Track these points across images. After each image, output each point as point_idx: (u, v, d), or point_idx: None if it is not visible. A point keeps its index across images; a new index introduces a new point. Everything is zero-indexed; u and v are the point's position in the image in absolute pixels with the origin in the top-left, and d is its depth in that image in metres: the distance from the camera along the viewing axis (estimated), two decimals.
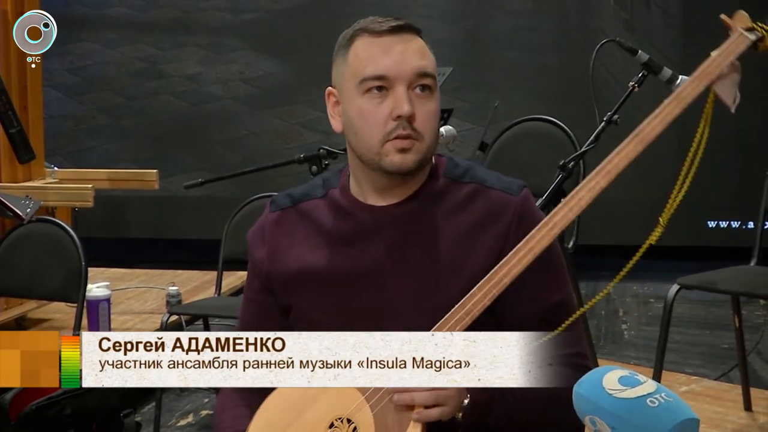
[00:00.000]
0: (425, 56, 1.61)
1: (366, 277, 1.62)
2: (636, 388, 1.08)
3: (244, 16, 7.08)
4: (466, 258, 1.60)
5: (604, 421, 1.08)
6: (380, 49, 1.59)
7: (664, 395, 1.07)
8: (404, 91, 1.57)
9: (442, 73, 3.97)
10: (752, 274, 3.41)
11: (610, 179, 1.51)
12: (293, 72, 6.90)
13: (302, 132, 6.90)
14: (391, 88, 1.58)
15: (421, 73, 1.58)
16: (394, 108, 1.57)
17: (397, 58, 1.58)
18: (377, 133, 1.58)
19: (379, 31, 1.59)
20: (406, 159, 1.58)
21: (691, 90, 1.51)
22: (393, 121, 1.57)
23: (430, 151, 1.62)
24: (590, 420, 1.11)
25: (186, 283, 5.23)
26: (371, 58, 1.58)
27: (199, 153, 7.05)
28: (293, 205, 1.73)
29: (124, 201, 6.85)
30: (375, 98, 1.58)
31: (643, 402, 1.06)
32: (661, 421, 1.04)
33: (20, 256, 3.62)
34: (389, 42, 1.59)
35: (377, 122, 1.58)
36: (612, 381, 1.09)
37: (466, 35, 6.87)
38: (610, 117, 2.96)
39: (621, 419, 1.06)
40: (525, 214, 1.63)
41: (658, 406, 1.05)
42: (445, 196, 1.65)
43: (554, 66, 6.70)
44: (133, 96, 7.16)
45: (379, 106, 1.58)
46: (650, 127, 1.52)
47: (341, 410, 1.47)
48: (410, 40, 1.60)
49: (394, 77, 1.57)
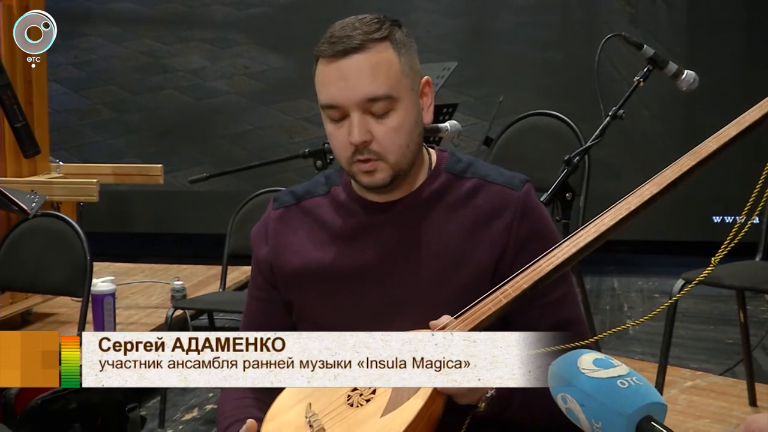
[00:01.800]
0: (377, 76, 1.54)
1: (369, 273, 1.62)
2: (608, 370, 1.11)
3: (248, 10, 7.07)
4: (469, 254, 1.60)
5: (574, 398, 1.11)
6: (331, 77, 1.56)
7: (635, 379, 1.10)
8: (358, 118, 1.55)
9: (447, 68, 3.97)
10: (757, 270, 3.40)
11: (659, 188, 1.48)
12: (298, 66, 6.89)
13: (307, 127, 6.89)
14: (347, 115, 1.57)
15: (370, 98, 1.55)
16: (349, 135, 1.56)
17: (343, 85, 1.55)
18: (343, 155, 1.60)
19: (329, 55, 1.56)
20: (375, 178, 1.59)
21: (751, 117, 1.49)
22: (352, 146, 1.57)
23: (402, 163, 1.60)
24: (562, 398, 1.14)
25: (191, 277, 5.23)
26: (324, 86, 1.58)
27: (203, 148, 7.05)
28: (296, 202, 1.73)
29: (129, 195, 6.86)
30: (335, 123, 1.58)
31: (614, 382, 1.09)
32: (628, 401, 1.07)
33: (25, 250, 3.62)
34: (339, 68, 1.55)
35: (341, 146, 1.59)
36: (586, 362, 1.12)
37: (470, 30, 6.85)
38: (615, 112, 2.95)
39: (590, 397, 1.09)
40: (527, 208, 1.63)
41: (628, 387, 1.08)
42: (447, 192, 1.65)
43: (559, 61, 6.68)
44: (137, 90, 7.17)
45: (339, 130, 1.58)
46: (706, 147, 1.50)
47: None
48: (362, 60, 1.54)
49: (344, 105, 1.56)
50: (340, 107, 1.56)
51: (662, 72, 3.08)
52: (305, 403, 1.52)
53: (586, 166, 3.40)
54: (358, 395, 1.50)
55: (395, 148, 1.57)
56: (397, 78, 1.57)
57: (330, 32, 1.59)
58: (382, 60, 1.56)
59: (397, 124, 1.57)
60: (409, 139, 1.59)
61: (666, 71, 3.08)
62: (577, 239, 1.48)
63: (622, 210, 1.47)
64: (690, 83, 3.11)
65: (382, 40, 1.57)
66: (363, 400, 1.49)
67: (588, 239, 1.47)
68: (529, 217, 1.62)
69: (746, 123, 1.48)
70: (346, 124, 1.56)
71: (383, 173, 1.58)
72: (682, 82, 3.11)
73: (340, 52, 1.55)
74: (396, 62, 1.57)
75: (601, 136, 2.90)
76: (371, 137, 1.56)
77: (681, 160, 1.50)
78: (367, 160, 1.57)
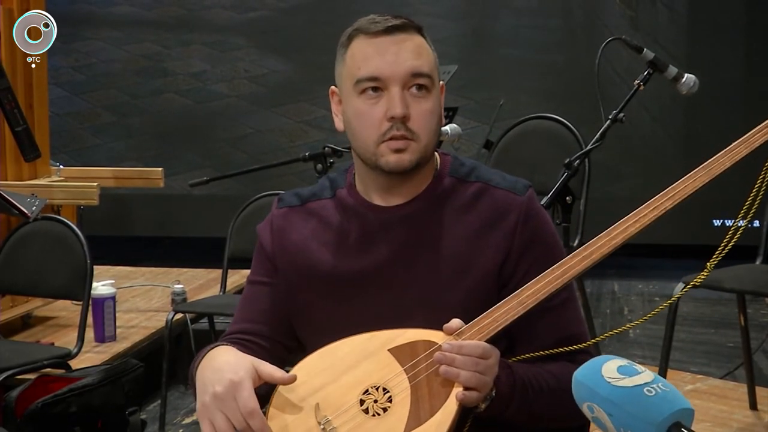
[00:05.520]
0: (421, 55, 1.59)
1: (373, 277, 1.62)
2: (634, 378, 1.10)
3: (249, 14, 7.08)
4: (473, 258, 1.60)
5: (601, 408, 1.11)
6: (375, 50, 1.58)
7: (660, 385, 1.09)
8: (398, 92, 1.57)
9: (447, 71, 3.96)
10: (758, 273, 3.40)
11: (674, 202, 1.51)
12: (298, 70, 6.90)
13: (307, 130, 6.90)
14: (386, 89, 1.57)
15: (415, 73, 1.57)
16: (388, 109, 1.57)
17: (390, 59, 1.57)
18: (373, 134, 1.58)
19: (374, 31, 1.59)
20: (402, 159, 1.58)
21: (760, 135, 1.51)
22: (387, 122, 1.57)
23: (429, 150, 1.61)
24: (588, 407, 1.13)
25: (191, 281, 5.22)
26: (366, 59, 1.58)
27: (204, 151, 7.06)
28: (301, 204, 1.72)
29: (130, 199, 6.86)
30: (370, 99, 1.58)
31: (641, 391, 1.09)
32: (657, 409, 1.07)
33: (26, 254, 3.62)
34: (384, 42, 1.58)
35: (372, 123, 1.58)
36: (611, 370, 1.12)
37: (471, 33, 6.86)
38: (616, 115, 2.95)
39: (618, 407, 1.09)
40: (530, 214, 1.63)
41: (655, 395, 1.08)
42: (450, 196, 1.65)
43: (559, 64, 6.69)
44: (138, 94, 7.17)
45: (374, 106, 1.58)
46: (718, 162, 1.52)
47: (378, 378, 1.47)
48: (406, 39, 1.59)
49: (388, 78, 1.57)
50: (383, 80, 1.57)
51: (662, 75, 3.08)
52: (312, 402, 1.48)
53: (586, 170, 3.41)
54: (372, 401, 1.46)
55: (428, 131, 1.60)
56: (433, 65, 1.62)
57: (366, 18, 1.62)
58: (422, 44, 1.61)
59: (432, 106, 1.60)
60: (437, 128, 1.63)
61: (666, 75, 3.08)
62: (594, 247, 1.50)
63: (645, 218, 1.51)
64: (690, 87, 3.11)
65: (419, 30, 1.62)
66: (379, 408, 1.45)
67: (611, 247, 1.50)
68: (532, 222, 1.62)
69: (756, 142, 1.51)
70: (383, 99, 1.57)
71: (412, 155, 1.58)
72: (682, 86, 3.11)
73: (389, 27, 1.58)
74: (431, 53, 1.62)
75: (602, 139, 2.90)
76: (409, 114, 1.57)
77: (695, 173, 1.51)
78: (402, 137, 1.57)
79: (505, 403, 1.51)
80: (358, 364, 1.49)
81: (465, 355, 1.45)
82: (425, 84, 1.58)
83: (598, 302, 5.78)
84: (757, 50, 6.42)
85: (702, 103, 5.91)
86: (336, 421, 1.45)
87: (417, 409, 1.44)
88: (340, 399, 1.47)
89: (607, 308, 5.68)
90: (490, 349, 1.48)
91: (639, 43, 3.11)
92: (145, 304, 4.88)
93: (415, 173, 1.62)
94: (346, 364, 1.49)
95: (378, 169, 1.60)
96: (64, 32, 3.98)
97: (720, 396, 3.75)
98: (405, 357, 1.48)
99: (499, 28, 6.84)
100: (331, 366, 1.50)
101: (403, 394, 1.45)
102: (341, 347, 1.52)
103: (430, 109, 1.59)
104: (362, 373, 1.48)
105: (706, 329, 5.19)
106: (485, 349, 1.47)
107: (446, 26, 6.75)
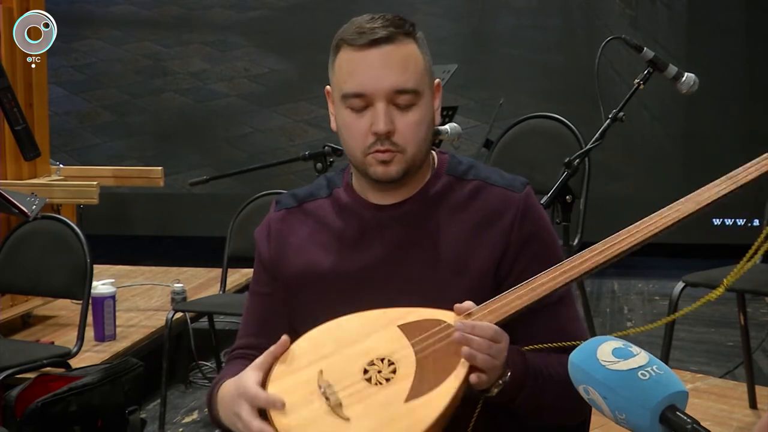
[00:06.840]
0: (407, 69, 1.57)
1: (372, 275, 1.62)
2: (628, 361, 1.11)
3: (248, 13, 7.08)
4: (471, 256, 1.60)
5: (596, 390, 1.11)
6: (359, 65, 1.57)
7: (655, 368, 1.10)
8: (383, 108, 1.56)
9: (447, 70, 3.97)
10: (757, 272, 3.40)
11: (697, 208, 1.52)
12: (298, 69, 6.90)
13: (307, 129, 6.90)
14: (371, 104, 1.57)
15: (398, 90, 1.57)
16: (372, 124, 1.57)
17: (374, 74, 1.56)
18: (359, 145, 1.59)
19: (359, 44, 1.57)
20: (389, 170, 1.59)
21: None
22: (372, 136, 1.57)
23: (417, 158, 1.61)
24: (584, 389, 1.14)
25: (191, 280, 5.22)
26: (351, 74, 1.58)
27: (204, 150, 7.05)
28: (298, 205, 1.73)
29: (129, 198, 6.86)
30: (356, 112, 1.59)
31: (635, 374, 1.09)
32: (651, 393, 1.07)
33: (25, 253, 3.62)
34: (369, 57, 1.57)
35: (358, 135, 1.59)
36: (606, 352, 1.13)
37: (470, 33, 6.86)
38: (616, 114, 2.95)
39: (612, 390, 1.10)
40: (528, 211, 1.63)
41: (649, 378, 1.09)
42: (448, 194, 1.65)
43: (559, 63, 6.69)
44: (138, 93, 7.17)
45: (360, 120, 1.58)
46: (746, 172, 1.52)
47: (384, 351, 1.48)
48: (392, 51, 1.57)
49: (372, 94, 1.57)
50: (367, 96, 1.57)
51: (662, 74, 3.08)
52: (315, 369, 1.48)
53: (586, 169, 3.41)
54: (377, 372, 1.46)
55: (415, 141, 1.59)
56: (422, 74, 1.59)
57: (355, 24, 1.60)
58: (410, 54, 1.59)
59: (419, 118, 1.59)
60: (426, 136, 1.62)
61: (666, 74, 3.08)
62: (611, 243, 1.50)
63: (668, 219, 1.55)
64: (690, 86, 3.11)
65: (408, 35, 1.60)
66: (382, 378, 1.45)
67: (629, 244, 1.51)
68: (530, 219, 1.62)
69: None
70: (368, 114, 1.57)
71: (398, 165, 1.59)
72: (682, 85, 3.11)
73: (372, 41, 1.56)
74: (420, 59, 1.60)
75: (601, 138, 2.90)
76: (394, 128, 1.57)
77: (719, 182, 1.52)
78: (386, 150, 1.58)
79: (517, 388, 1.51)
80: (366, 337, 1.50)
81: (478, 336, 1.44)
82: (408, 99, 1.57)
83: (598, 301, 5.78)
84: (757, 49, 6.42)
85: (702, 102, 5.91)
86: (337, 386, 1.46)
87: (420, 382, 1.44)
88: (345, 368, 1.47)
89: (607, 307, 5.68)
90: (501, 332, 1.47)
91: (639, 43, 3.11)
92: (145, 304, 4.88)
93: (407, 178, 1.62)
94: (353, 336, 1.50)
95: (367, 177, 1.62)
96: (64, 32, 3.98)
97: (720, 395, 3.75)
98: (414, 333, 1.49)
99: (498, 28, 6.84)
100: (339, 338, 1.51)
101: (409, 368, 1.45)
102: (352, 320, 1.53)
103: (416, 120, 1.59)
104: (369, 345, 1.49)
105: (706, 328, 5.19)
106: (496, 331, 1.46)
107: (446, 26, 6.75)
